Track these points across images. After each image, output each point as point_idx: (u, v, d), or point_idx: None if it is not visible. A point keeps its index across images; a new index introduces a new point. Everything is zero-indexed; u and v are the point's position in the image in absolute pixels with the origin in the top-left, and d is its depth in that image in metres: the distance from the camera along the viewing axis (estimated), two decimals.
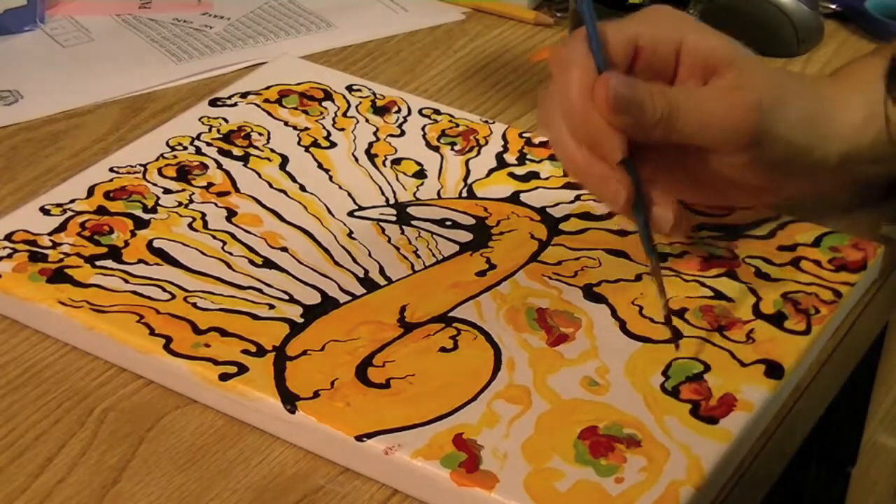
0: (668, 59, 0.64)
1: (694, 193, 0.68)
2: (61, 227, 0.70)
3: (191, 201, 0.72)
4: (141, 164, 0.75)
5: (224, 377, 0.61)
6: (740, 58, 0.63)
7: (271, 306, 0.65)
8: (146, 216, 0.71)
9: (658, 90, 0.62)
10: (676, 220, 0.63)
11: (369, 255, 0.69)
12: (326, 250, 0.69)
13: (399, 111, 0.81)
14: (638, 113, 0.61)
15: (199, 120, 0.79)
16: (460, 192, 0.74)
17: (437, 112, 0.81)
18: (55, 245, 0.69)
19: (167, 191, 0.73)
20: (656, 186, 0.63)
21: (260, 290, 0.66)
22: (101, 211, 0.71)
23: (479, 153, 0.77)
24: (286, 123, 0.79)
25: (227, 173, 0.75)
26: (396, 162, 0.76)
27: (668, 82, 0.64)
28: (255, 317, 0.64)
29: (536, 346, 0.63)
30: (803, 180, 0.67)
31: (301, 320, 0.64)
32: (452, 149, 0.77)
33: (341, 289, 0.66)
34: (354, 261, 0.68)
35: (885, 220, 0.74)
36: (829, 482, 0.93)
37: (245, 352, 0.62)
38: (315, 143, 0.78)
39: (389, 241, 0.70)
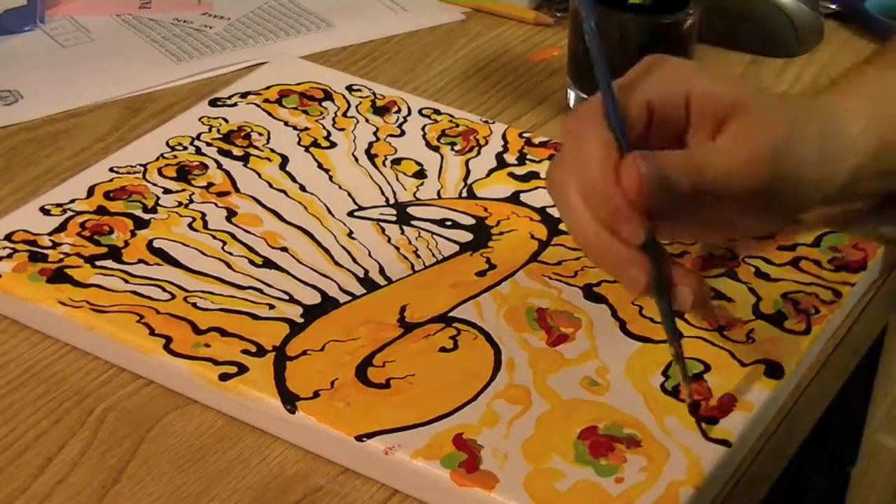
0: (679, 113, 0.61)
1: (708, 234, 0.66)
2: (61, 227, 0.70)
3: (191, 201, 0.72)
4: (141, 164, 0.75)
5: (224, 377, 0.61)
6: (748, 100, 0.61)
7: (271, 306, 0.65)
8: (146, 216, 0.71)
9: (685, 161, 0.58)
10: (697, 296, 0.59)
11: (369, 255, 0.69)
12: (326, 250, 0.69)
13: (399, 111, 0.81)
14: (667, 192, 0.57)
15: (199, 120, 0.79)
16: (460, 192, 0.74)
17: (437, 112, 0.81)
18: (55, 245, 0.69)
19: (167, 191, 0.73)
20: (676, 263, 0.60)
21: (260, 290, 0.66)
22: (101, 211, 0.71)
23: (479, 153, 0.77)
24: (286, 123, 0.79)
25: (227, 173, 0.75)
26: (396, 162, 0.76)
27: (679, 134, 0.61)
28: (255, 317, 0.64)
29: (536, 346, 0.63)
30: (816, 209, 0.64)
31: (301, 320, 0.64)
32: (452, 149, 0.77)
33: (341, 289, 0.66)
34: (354, 261, 0.68)
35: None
36: (829, 482, 0.93)
37: (245, 352, 0.62)
38: (315, 143, 0.78)
39: (389, 241, 0.70)
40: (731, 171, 0.59)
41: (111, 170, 0.75)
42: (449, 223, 0.71)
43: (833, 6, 0.95)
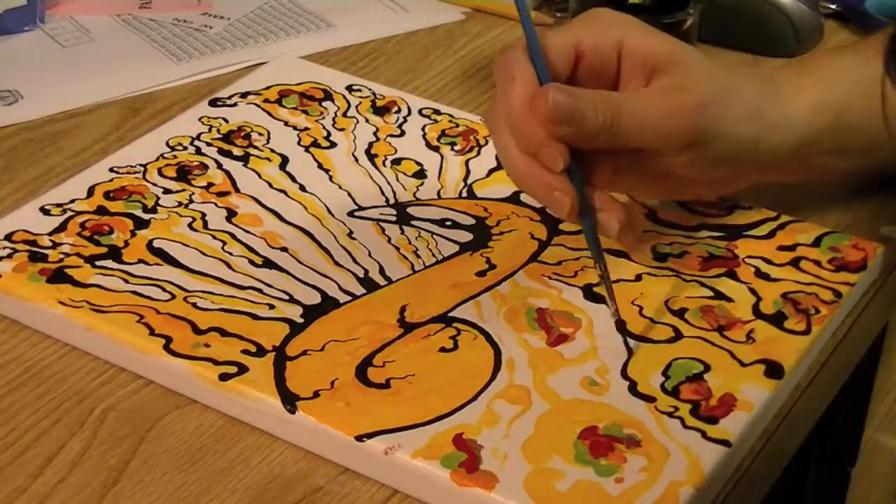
0: (611, 62, 0.63)
1: (654, 189, 0.68)
2: (61, 227, 0.70)
3: (191, 201, 0.72)
4: (141, 164, 0.75)
5: (224, 377, 0.61)
6: (681, 56, 0.63)
7: (271, 306, 0.65)
8: (146, 216, 0.71)
9: (600, 98, 0.61)
10: (622, 224, 0.63)
11: (369, 255, 0.69)
12: (326, 250, 0.69)
13: (399, 111, 0.81)
14: (579, 123, 0.60)
15: (199, 120, 0.79)
16: (460, 192, 0.74)
17: (437, 112, 0.81)
18: (55, 245, 0.69)
19: (167, 191, 0.73)
20: (603, 190, 0.63)
21: (260, 290, 0.66)
22: (101, 211, 0.71)
23: (479, 153, 0.77)
24: (286, 123, 0.79)
25: (227, 173, 0.75)
26: (396, 162, 0.76)
27: (611, 84, 0.64)
28: (255, 317, 0.64)
29: (536, 346, 0.63)
30: (757, 171, 0.67)
31: (301, 320, 0.64)
32: (452, 149, 0.77)
33: (341, 289, 0.66)
34: (354, 261, 0.68)
35: (885, 220, 0.74)
36: (829, 482, 0.93)
37: (245, 352, 0.62)
38: (315, 143, 0.78)
39: (389, 241, 0.70)
40: (648, 119, 0.61)
41: (111, 170, 0.75)
42: (449, 223, 0.71)
43: (833, 6, 0.95)
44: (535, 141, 0.61)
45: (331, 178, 0.75)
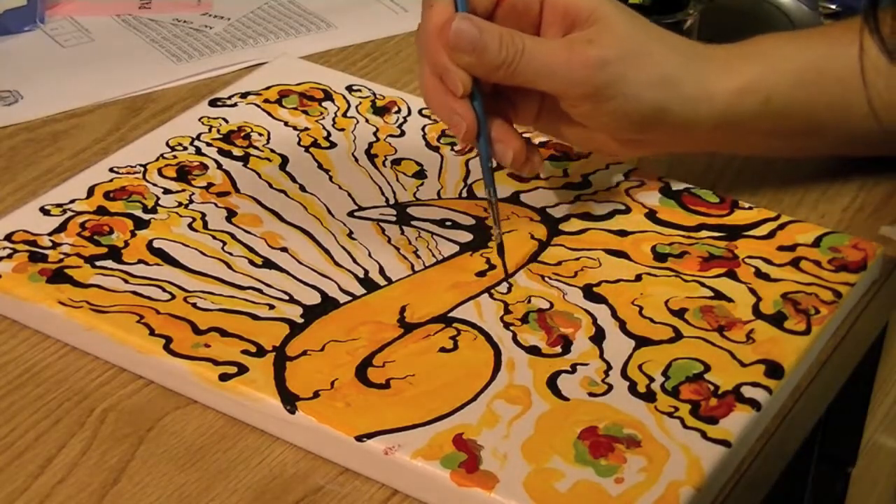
0: (533, 7, 0.67)
1: (572, 135, 0.70)
2: (61, 228, 0.70)
3: (191, 201, 0.72)
4: (141, 165, 0.75)
5: (224, 377, 0.61)
6: (602, 13, 0.66)
7: (271, 306, 0.65)
8: (146, 216, 0.71)
9: (507, 35, 0.65)
10: (517, 156, 0.66)
11: (369, 255, 0.69)
12: (326, 250, 0.69)
13: (399, 111, 0.81)
14: (480, 54, 0.64)
15: (199, 120, 0.79)
16: (460, 193, 0.74)
17: None
18: (55, 245, 0.69)
19: (167, 191, 0.73)
20: (507, 124, 0.67)
21: (260, 291, 0.66)
22: (101, 211, 0.71)
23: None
24: (286, 124, 0.79)
25: (227, 173, 0.75)
26: (396, 162, 0.76)
27: (532, 31, 0.67)
28: (255, 317, 0.64)
29: (536, 346, 0.63)
30: (670, 139, 0.69)
31: (301, 320, 0.64)
32: (452, 149, 0.77)
33: (341, 289, 0.66)
34: (354, 261, 0.68)
35: (885, 220, 0.74)
36: (829, 482, 0.92)
37: (245, 352, 0.62)
38: (315, 144, 0.78)
39: (389, 241, 0.70)
40: (549, 64, 0.65)
41: (111, 170, 0.75)
42: (449, 223, 0.71)
43: (833, 6, 0.95)
44: (440, 65, 0.65)
45: (331, 178, 0.75)
